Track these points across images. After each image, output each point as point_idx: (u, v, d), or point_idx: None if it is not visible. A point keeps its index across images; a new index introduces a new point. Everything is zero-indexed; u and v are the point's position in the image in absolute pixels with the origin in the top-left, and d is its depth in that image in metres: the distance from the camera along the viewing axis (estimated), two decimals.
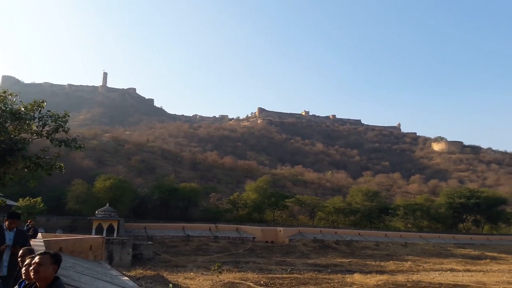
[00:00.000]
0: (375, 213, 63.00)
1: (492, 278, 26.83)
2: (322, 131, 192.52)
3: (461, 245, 50.44)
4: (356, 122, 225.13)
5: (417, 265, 33.46)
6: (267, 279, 22.98)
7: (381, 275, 26.42)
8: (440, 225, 66.51)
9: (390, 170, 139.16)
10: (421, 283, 23.06)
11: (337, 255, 38.62)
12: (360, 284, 22.00)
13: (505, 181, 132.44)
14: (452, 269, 31.42)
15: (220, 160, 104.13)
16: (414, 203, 66.84)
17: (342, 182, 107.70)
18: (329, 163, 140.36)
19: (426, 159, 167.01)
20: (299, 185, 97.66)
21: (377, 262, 34.39)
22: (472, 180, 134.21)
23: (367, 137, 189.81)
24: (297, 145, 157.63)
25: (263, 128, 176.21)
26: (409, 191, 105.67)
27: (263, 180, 64.77)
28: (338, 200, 64.97)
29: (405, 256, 39.46)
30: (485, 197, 66.90)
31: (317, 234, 48.81)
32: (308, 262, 33.21)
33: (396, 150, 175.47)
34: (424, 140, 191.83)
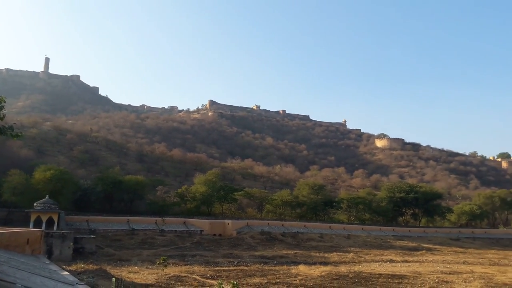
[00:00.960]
0: (320, 206, 64.80)
1: (427, 268, 28.50)
2: (272, 126, 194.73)
3: (400, 237, 53.10)
4: (305, 117, 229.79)
5: (359, 256, 34.82)
6: (213, 272, 22.92)
7: (324, 266, 27.23)
8: (381, 218, 69.60)
9: (335, 164, 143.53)
10: (362, 274, 24.01)
11: (283, 247, 39.31)
12: (304, 275, 22.52)
13: (442, 177, 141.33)
14: (392, 260, 33.01)
15: (169, 153, 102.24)
16: (357, 197, 69.54)
17: (290, 175, 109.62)
18: (278, 157, 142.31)
19: (369, 154, 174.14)
20: (249, 178, 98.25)
21: (321, 253, 35.41)
22: (411, 175, 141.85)
23: (315, 133, 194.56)
24: (247, 139, 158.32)
25: (213, 121, 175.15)
26: (352, 185, 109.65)
27: (213, 173, 64.43)
28: (285, 193, 66.11)
29: (348, 248, 40.91)
30: (423, 192, 70.88)
31: (265, 227, 49.40)
32: (255, 254, 33.53)
33: (341, 146, 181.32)
34: (368, 137, 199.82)
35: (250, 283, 19.63)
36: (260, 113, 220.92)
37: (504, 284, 21.59)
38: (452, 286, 20.41)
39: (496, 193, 78.88)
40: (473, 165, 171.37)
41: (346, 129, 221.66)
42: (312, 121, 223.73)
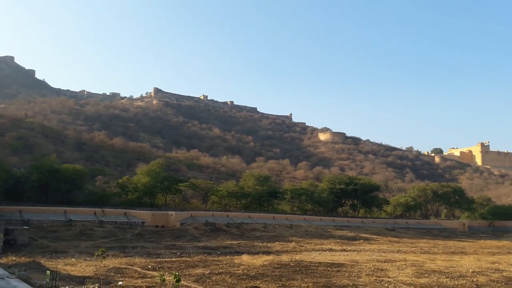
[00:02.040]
0: (265, 196, 65.62)
1: (364, 256, 29.79)
2: (220, 116, 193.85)
3: (340, 227, 55.10)
4: (252, 109, 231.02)
5: (300, 245, 35.69)
6: (155, 264, 22.45)
7: (267, 255, 27.61)
8: (322, 208, 71.80)
9: (280, 156, 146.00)
10: (303, 263, 24.62)
11: (228, 237, 39.39)
12: (247, 265, 22.69)
13: (379, 170, 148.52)
14: (331, 249, 34.16)
15: (109, 141, 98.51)
16: (300, 188, 71.27)
17: (236, 167, 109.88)
18: (225, 148, 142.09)
19: (313, 147, 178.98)
20: (194, 169, 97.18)
21: (265, 243, 35.89)
22: (351, 168, 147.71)
23: (262, 125, 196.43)
24: (194, 129, 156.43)
25: (158, 110, 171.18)
26: (296, 177, 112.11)
27: (156, 164, 62.91)
28: (231, 184, 66.19)
29: (290, 237, 41.81)
30: (361, 184, 73.95)
31: (209, 218, 49.19)
32: (198, 245, 33.30)
33: (287, 138, 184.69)
34: (312, 130, 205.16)
35: (193, 273, 19.45)
36: (207, 103, 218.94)
37: (433, 270, 23.07)
38: (387, 273, 21.47)
39: (429, 186, 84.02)
40: (409, 160, 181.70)
41: (291, 122, 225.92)
42: (259, 113, 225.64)
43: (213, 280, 17.92)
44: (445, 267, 24.95)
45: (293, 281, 18.03)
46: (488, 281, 19.95)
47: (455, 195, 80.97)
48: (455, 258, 30.98)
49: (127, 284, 16.28)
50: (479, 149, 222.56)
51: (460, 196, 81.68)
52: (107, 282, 16.49)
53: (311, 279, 18.69)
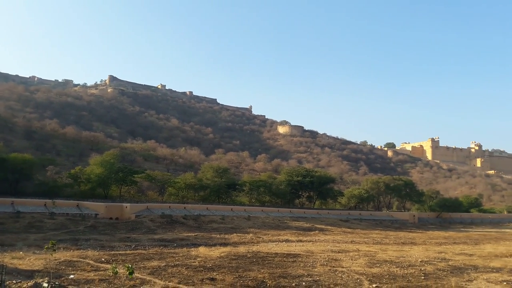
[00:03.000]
0: (223, 188, 65.49)
1: (319, 247, 30.42)
2: (178, 107, 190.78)
3: (296, 218, 55.97)
4: (212, 101, 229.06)
5: (257, 236, 35.92)
6: (108, 256, 21.78)
7: (224, 247, 27.56)
8: (279, 200, 72.72)
9: (240, 148, 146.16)
10: (260, 254, 24.77)
11: (185, 229, 38.96)
12: (204, 257, 22.52)
13: (335, 163, 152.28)
14: (287, 240, 34.62)
15: (61, 130, 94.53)
16: (258, 180, 71.77)
17: (195, 158, 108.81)
18: (183, 139, 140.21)
19: (272, 140, 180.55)
20: (151, 160, 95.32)
21: (222, 235, 35.81)
22: (309, 161, 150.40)
23: (222, 116, 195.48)
24: (151, 119, 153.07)
25: (113, 98, 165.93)
26: (255, 169, 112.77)
27: (111, 154, 61.08)
28: (189, 176, 65.49)
29: (247, 229, 41.97)
30: (318, 176, 75.49)
31: (166, 210, 48.42)
32: (154, 237, 32.68)
33: (247, 131, 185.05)
34: (272, 123, 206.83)
35: (148, 266, 19.04)
36: (165, 93, 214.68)
37: (384, 260, 23.91)
38: (340, 263, 22.02)
39: (381, 179, 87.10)
40: (363, 153, 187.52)
41: (251, 114, 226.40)
42: (219, 104, 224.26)
43: (168, 272, 17.63)
44: (396, 257, 25.93)
45: (250, 272, 18.08)
46: (435, 269, 20.93)
47: (406, 188, 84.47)
48: (405, 248, 32.29)
49: (79, 277, 15.68)
50: (430, 144, 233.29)
51: (411, 189, 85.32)
52: (58, 275, 15.80)
53: (267, 270, 18.83)
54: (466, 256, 27.49)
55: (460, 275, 19.32)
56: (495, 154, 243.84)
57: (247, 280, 16.22)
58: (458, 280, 17.99)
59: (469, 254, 28.77)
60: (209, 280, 16.11)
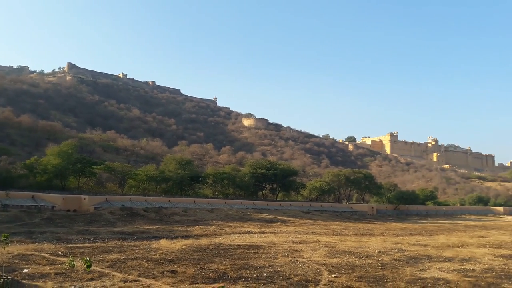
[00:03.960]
0: (186, 181, 64.84)
1: (281, 238, 30.75)
2: (140, 97, 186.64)
3: (259, 210, 56.28)
4: (175, 91, 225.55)
5: (220, 229, 35.85)
6: (65, 249, 21.06)
7: (186, 239, 27.32)
8: (243, 192, 72.91)
9: (204, 140, 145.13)
10: (222, 245, 24.74)
11: (145, 222, 38.29)
12: (165, 249, 22.23)
13: (298, 156, 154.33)
14: (250, 232, 34.77)
15: (16, 119, 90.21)
16: (222, 172, 71.56)
17: (157, 150, 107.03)
18: (145, 130, 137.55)
19: (237, 132, 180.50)
20: (111, 151, 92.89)
21: (184, 227, 35.48)
22: (273, 153, 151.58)
23: (185, 107, 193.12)
24: (111, 109, 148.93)
25: (72, 86, 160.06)
26: (219, 161, 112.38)
27: (69, 144, 58.86)
28: (151, 168, 64.37)
29: (210, 221, 41.79)
30: (281, 168, 76.21)
31: (126, 202, 47.36)
32: (113, 230, 31.91)
33: (211, 122, 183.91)
34: (236, 115, 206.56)
35: (107, 259, 18.56)
36: (126, 82, 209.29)
37: (343, 251, 24.49)
38: (301, 254, 22.36)
39: (342, 172, 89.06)
40: (325, 147, 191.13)
41: (216, 106, 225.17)
42: (183, 95, 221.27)
43: (128, 265, 17.27)
44: (355, 247, 26.62)
45: (211, 264, 18.02)
46: (392, 260, 21.66)
47: (365, 181, 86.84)
48: (364, 239, 33.21)
49: (33, 271, 15.06)
50: (389, 139, 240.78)
51: (370, 181, 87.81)
52: (11, 270, 15.13)
53: (229, 261, 18.83)
54: (421, 247, 28.62)
55: (415, 265, 20.08)
56: (450, 149, 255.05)
57: (209, 272, 16.15)
58: (413, 269, 18.70)
59: (424, 245, 29.98)
60: (170, 272, 15.91)
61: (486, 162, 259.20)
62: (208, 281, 14.50)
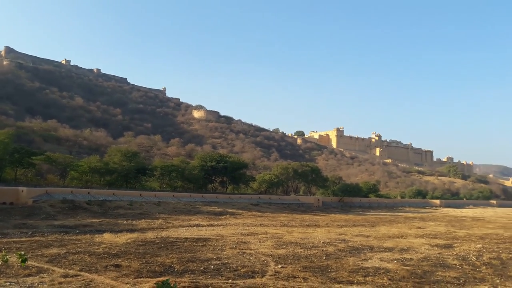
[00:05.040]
0: (132, 173, 63.12)
1: (229, 230, 30.80)
2: (84, 85, 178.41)
3: (208, 203, 56.04)
4: (122, 80, 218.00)
5: (167, 222, 35.29)
6: (1, 244, 19.81)
7: (131, 233, 26.64)
8: (192, 185, 72.18)
9: (152, 132, 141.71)
10: (169, 239, 24.38)
11: (88, 215, 36.86)
12: (109, 243, 21.54)
13: (249, 149, 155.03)
14: (198, 225, 34.53)
15: None
16: (171, 165, 70.30)
17: (101, 141, 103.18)
18: (89, 120, 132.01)
19: (186, 124, 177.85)
20: (51, 141, 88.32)
21: (129, 221, 34.56)
22: (223, 146, 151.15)
23: (132, 97, 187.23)
24: (52, 97, 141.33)
25: (10, 72, 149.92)
26: (167, 153, 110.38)
27: (5, 133, 55.21)
28: (94, 160, 61.98)
29: (157, 214, 41.03)
30: (231, 161, 76.25)
31: (68, 195, 45.31)
32: (54, 224, 30.45)
33: (159, 113, 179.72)
34: (186, 107, 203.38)
35: (46, 254, 17.67)
36: (70, 69, 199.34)
37: (290, 242, 24.99)
38: (249, 246, 22.54)
39: (290, 165, 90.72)
40: (275, 140, 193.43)
41: (165, 97, 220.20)
42: (130, 84, 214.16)
43: (69, 260, 16.55)
44: (301, 238, 27.25)
45: (158, 258, 17.70)
46: (336, 250, 22.40)
47: (312, 174, 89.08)
48: (310, 230, 34.07)
49: None
50: (335, 134, 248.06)
51: (316, 174, 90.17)
52: None
53: (176, 255, 18.59)
54: (363, 238, 29.84)
55: (357, 255, 20.90)
56: (392, 145, 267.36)
57: (154, 266, 15.86)
58: (355, 259, 19.45)
59: (366, 236, 31.28)
60: (114, 266, 15.44)
61: (426, 157, 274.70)
62: (154, 275, 14.24)
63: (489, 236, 34.04)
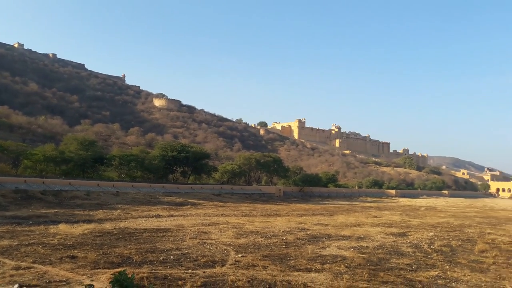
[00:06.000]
0: (89, 162, 61.23)
1: (190, 221, 30.64)
2: (39, 70, 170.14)
3: (169, 194, 55.38)
4: (79, 66, 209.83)
5: (126, 213, 34.60)
6: None
7: (88, 224, 25.94)
8: (152, 175, 70.96)
9: (110, 120, 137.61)
10: (127, 230, 23.94)
11: (43, 206, 35.49)
12: (64, 234, 20.88)
13: (211, 139, 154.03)
14: (158, 215, 34.09)
15: None
16: (130, 154, 68.71)
17: (56, 128, 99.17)
18: (44, 107, 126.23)
19: (147, 113, 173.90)
20: (3, 128, 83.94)
21: (86, 211, 33.61)
22: (185, 136, 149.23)
23: (90, 84, 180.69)
24: (4, 82, 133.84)
25: None
26: (126, 143, 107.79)
27: None
28: (49, 148, 59.50)
29: (115, 205, 40.13)
30: (193, 151, 75.47)
31: (21, 184, 43.36)
32: (6, 214, 29.10)
33: (118, 101, 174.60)
34: (147, 95, 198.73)
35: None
36: (23, 53, 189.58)
37: (251, 231, 25.20)
38: (210, 236, 22.54)
39: (253, 156, 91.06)
40: (238, 131, 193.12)
41: (124, 84, 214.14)
42: (87, 70, 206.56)
43: (21, 251, 15.91)
44: (262, 228, 27.55)
45: (115, 249, 17.36)
46: (295, 239, 22.82)
47: (274, 164, 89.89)
48: (271, 219, 34.50)
49: None
50: (297, 125, 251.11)
51: (278, 165, 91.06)
52: None
53: (134, 246, 18.30)
54: (322, 226, 30.57)
55: (316, 243, 21.40)
56: (351, 136, 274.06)
57: (112, 257, 15.55)
58: (314, 247, 19.92)
59: (325, 224, 32.06)
60: (69, 258, 15.01)
61: (382, 149, 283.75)
62: (111, 266, 13.97)
63: (440, 225, 35.81)
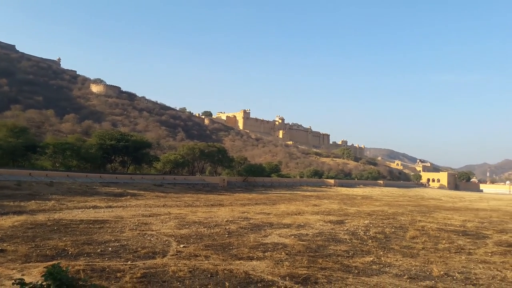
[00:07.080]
0: (20, 150, 57.38)
1: (130, 212, 29.75)
2: None
3: (107, 184, 53.38)
4: (9, 47, 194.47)
5: (61, 203, 32.88)
6: None
7: (19, 215, 24.34)
8: (89, 165, 67.98)
9: (43, 106, 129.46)
10: (62, 221, 22.76)
11: None
12: None
13: (153, 128, 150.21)
14: (95, 206, 32.74)
15: None
16: (65, 142, 65.27)
17: None
18: None
19: (84, 99, 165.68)
20: None
21: (17, 202, 31.48)
22: (125, 124, 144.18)
23: (21, 67, 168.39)
24: None
25: None
26: (61, 130, 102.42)
27: None
28: None
29: (49, 195, 38.00)
30: (133, 140, 73.19)
31: None
32: None
33: (53, 86, 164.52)
34: (84, 80, 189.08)
35: None
36: None
37: (193, 222, 24.98)
38: (150, 227, 22.03)
39: (197, 146, 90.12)
40: (181, 120, 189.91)
41: (59, 68, 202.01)
42: (18, 52, 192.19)
43: None
44: (205, 218, 27.40)
45: (49, 241, 16.43)
46: (238, 228, 22.95)
47: (219, 154, 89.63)
48: (214, 210, 34.41)
49: None
50: (242, 115, 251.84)
51: (223, 155, 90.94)
52: None
53: (70, 238, 17.44)
54: (264, 215, 31.00)
55: (258, 232, 21.66)
56: (294, 128, 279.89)
57: (45, 250, 14.70)
58: (256, 236, 20.14)
59: (267, 213, 32.54)
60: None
61: (323, 140, 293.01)
62: (45, 259, 13.21)
63: (375, 213, 37.70)
